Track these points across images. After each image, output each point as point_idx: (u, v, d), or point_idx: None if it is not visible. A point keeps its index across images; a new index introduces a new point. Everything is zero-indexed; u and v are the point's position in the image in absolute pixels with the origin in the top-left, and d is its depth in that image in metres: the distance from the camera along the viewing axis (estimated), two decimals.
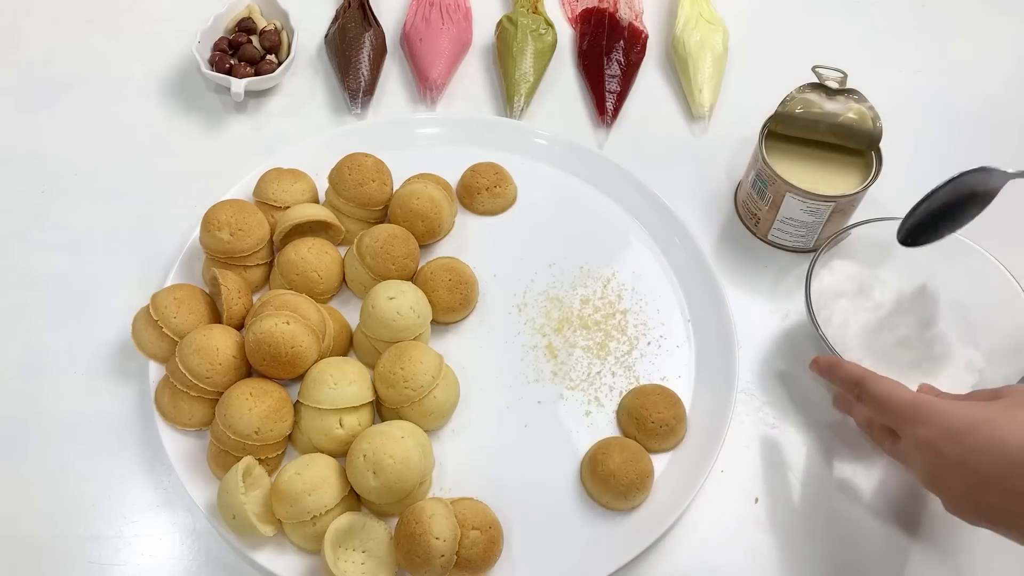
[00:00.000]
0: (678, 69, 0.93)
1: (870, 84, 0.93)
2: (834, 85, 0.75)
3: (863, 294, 0.71)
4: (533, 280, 0.77)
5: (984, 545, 0.65)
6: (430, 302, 0.71)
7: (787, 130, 0.76)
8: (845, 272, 0.72)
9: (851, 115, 0.73)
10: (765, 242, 0.80)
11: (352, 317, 0.73)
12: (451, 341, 0.74)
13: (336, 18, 0.94)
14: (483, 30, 0.96)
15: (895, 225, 0.67)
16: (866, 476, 0.68)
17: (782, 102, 0.75)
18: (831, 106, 0.74)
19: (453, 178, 0.82)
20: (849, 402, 0.65)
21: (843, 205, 0.73)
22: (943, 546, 0.65)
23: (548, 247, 0.79)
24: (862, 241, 0.72)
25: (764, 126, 0.75)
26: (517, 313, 0.75)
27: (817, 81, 0.75)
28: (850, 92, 0.75)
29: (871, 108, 0.74)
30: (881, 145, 0.74)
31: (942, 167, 0.87)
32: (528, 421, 0.69)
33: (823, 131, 0.75)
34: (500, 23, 0.94)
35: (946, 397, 0.60)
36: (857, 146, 0.75)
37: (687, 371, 0.72)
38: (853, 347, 0.69)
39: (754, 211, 0.78)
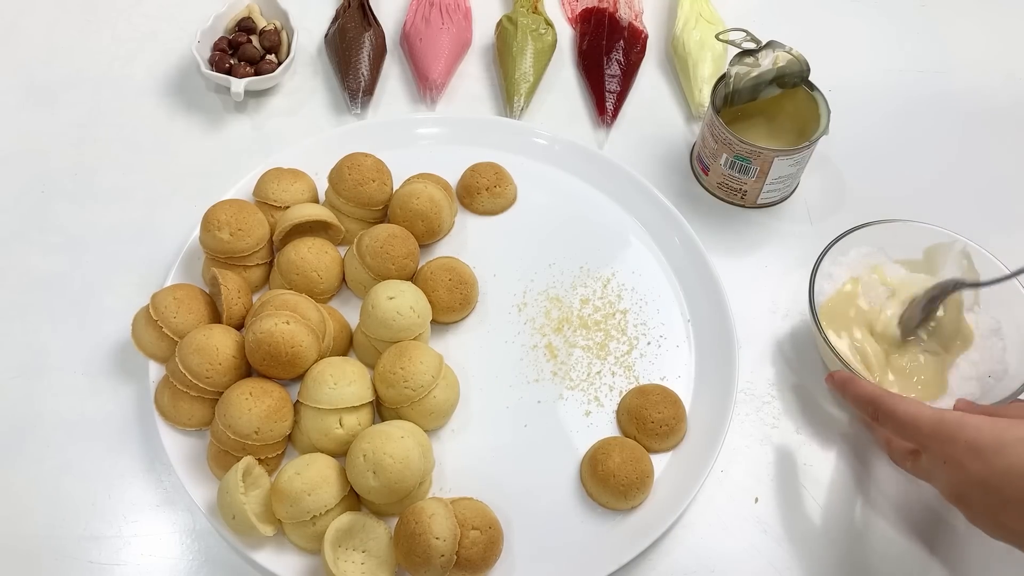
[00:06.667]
0: (678, 69, 0.93)
1: (870, 84, 0.93)
2: (752, 45, 0.78)
3: (865, 293, 0.72)
4: (533, 280, 0.77)
5: (983, 548, 0.65)
6: (430, 302, 0.71)
7: (738, 104, 0.79)
8: (847, 273, 0.72)
9: (784, 60, 0.77)
10: (756, 207, 0.83)
11: (352, 317, 0.73)
12: (451, 341, 0.74)
13: (336, 18, 0.94)
14: (483, 30, 0.96)
15: (896, 227, 0.70)
16: (866, 475, 0.68)
17: (724, 83, 0.78)
18: (764, 63, 0.78)
19: (453, 178, 0.82)
20: (873, 428, 0.66)
21: (817, 140, 0.77)
22: (943, 544, 0.65)
23: (548, 247, 0.79)
24: (865, 242, 0.72)
25: (716, 112, 0.77)
26: (517, 313, 0.75)
27: (739, 51, 0.78)
28: (766, 45, 0.78)
29: (784, 45, 0.78)
30: (812, 79, 0.79)
31: (942, 167, 0.88)
32: (528, 421, 0.69)
33: (769, 85, 0.78)
34: (500, 23, 0.94)
35: (977, 410, 0.59)
36: (795, 83, 0.79)
37: (687, 371, 0.72)
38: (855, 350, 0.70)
39: (738, 187, 0.80)
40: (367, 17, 0.93)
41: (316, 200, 0.79)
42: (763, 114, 0.81)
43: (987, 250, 0.70)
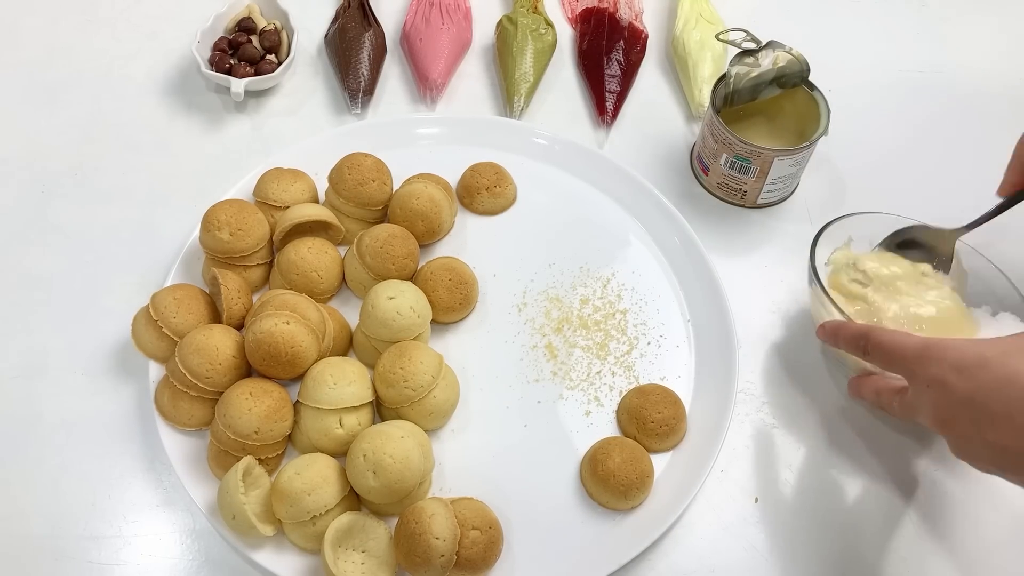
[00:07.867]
0: (678, 69, 0.93)
1: (870, 83, 0.94)
2: (752, 45, 0.79)
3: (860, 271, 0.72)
4: (533, 280, 0.77)
5: (981, 544, 0.65)
6: (430, 302, 0.71)
7: (738, 104, 0.80)
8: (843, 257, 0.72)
9: (784, 60, 0.78)
10: (756, 207, 0.83)
11: (352, 317, 0.73)
12: (451, 341, 0.74)
13: (336, 18, 0.94)
14: (483, 30, 0.96)
15: (894, 222, 0.72)
16: (866, 476, 0.68)
17: (724, 83, 0.79)
18: (764, 63, 0.78)
19: (453, 178, 0.82)
20: (861, 384, 0.65)
21: (817, 140, 0.78)
22: (942, 545, 0.65)
23: (548, 247, 0.79)
24: (856, 230, 0.72)
25: (716, 112, 0.78)
26: (517, 313, 0.75)
27: (739, 51, 0.79)
28: (766, 45, 0.79)
29: (784, 45, 0.79)
30: (812, 79, 0.79)
31: (942, 167, 0.88)
32: (528, 421, 0.69)
33: (769, 85, 0.79)
34: (500, 23, 0.94)
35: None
36: (795, 83, 0.79)
37: (687, 371, 0.72)
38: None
39: (738, 187, 0.81)
40: (367, 17, 0.93)
41: (316, 200, 0.79)
42: (763, 114, 0.81)
43: (985, 251, 0.70)
